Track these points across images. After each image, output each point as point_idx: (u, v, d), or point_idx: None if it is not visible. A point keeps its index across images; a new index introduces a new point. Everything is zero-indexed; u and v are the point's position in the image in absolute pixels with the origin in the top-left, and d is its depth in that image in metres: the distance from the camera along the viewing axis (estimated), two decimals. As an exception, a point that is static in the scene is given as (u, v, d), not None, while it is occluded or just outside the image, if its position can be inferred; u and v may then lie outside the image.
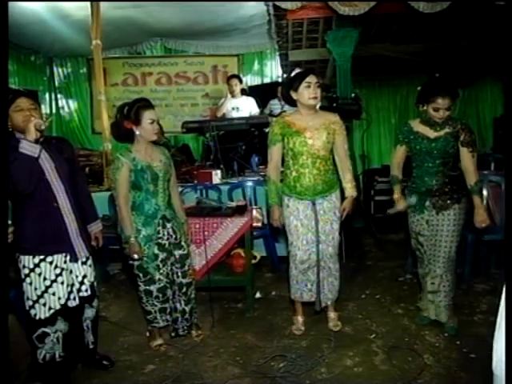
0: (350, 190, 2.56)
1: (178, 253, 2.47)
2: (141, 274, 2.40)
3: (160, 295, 2.42)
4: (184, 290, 2.51)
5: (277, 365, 2.27)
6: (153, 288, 2.40)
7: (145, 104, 2.34)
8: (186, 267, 2.51)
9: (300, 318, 2.66)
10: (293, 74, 2.48)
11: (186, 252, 2.51)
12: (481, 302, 2.90)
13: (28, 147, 1.87)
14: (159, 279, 2.39)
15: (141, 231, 2.35)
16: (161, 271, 2.39)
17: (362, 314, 2.83)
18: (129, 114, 2.31)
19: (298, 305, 2.67)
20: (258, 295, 3.21)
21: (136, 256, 2.33)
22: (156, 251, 2.38)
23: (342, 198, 2.59)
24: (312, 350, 2.41)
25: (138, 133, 2.33)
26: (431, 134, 2.44)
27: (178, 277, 2.48)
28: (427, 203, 2.50)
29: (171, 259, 2.45)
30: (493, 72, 6.41)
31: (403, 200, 2.59)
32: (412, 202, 2.55)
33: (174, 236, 2.45)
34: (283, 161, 2.58)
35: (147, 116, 2.31)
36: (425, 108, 2.41)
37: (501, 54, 2.10)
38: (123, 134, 2.37)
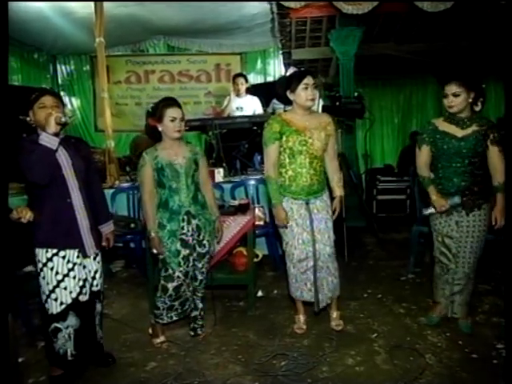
0: (339, 190, 2.61)
1: (198, 250, 2.49)
2: (163, 269, 2.43)
3: (173, 294, 2.43)
4: (200, 286, 2.56)
5: (278, 363, 2.28)
6: (170, 286, 2.41)
7: (168, 102, 2.41)
8: (201, 264, 2.52)
9: (302, 317, 2.66)
10: (289, 75, 2.47)
11: (204, 251, 2.52)
12: (482, 302, 2.88)
13: (47, 139, 1.93)
14: (178, 277, 2.41)
15: (166, 227, 2.39)
16: (181, 268, 2.41)
17: (364, 313, 2.83)
18: (153, 112, 2.40)
19: (299, 304, 2.67)
20: (259, 294, 3.22)
21: (155, 251, 2.39)
22: (179, 247, 2.40)
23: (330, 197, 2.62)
24: (313, 348, 2.41)
25: (161, 129, 2.40)
26: (458, 132, 2.37)
27: (199, 273, 2.52)
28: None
29: (193, 255, 2.46)
30: (496, 72, 6.39)
31: (444, 199, 2.42)
32: (456, 202, 2.38)
33: (197, 233, 2.46)
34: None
35: (169, 113, 2.36)
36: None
37: (503, 54, 2.09)
38: (151, 132, 2.45)
